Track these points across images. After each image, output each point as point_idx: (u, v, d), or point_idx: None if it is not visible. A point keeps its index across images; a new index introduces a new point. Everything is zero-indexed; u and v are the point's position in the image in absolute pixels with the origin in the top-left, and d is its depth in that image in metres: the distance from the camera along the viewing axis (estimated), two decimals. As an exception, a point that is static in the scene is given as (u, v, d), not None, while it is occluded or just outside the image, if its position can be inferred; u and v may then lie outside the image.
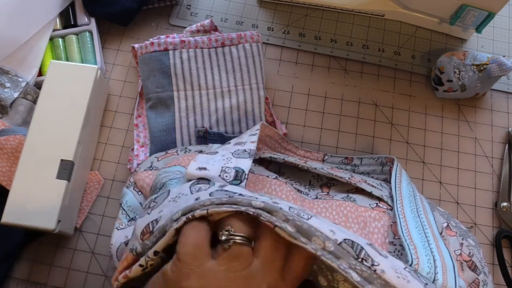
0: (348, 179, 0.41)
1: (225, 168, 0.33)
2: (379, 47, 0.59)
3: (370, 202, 0.39)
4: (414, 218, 0.36)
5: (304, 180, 0.44)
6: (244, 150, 0.37)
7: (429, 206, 0.40)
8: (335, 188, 0.43)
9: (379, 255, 0.27)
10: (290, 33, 0.59)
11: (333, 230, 0.27)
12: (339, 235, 0.27)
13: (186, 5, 0.60)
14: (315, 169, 0.41)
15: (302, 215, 0.28)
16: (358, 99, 0.56)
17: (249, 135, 0.41)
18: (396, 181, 0.41)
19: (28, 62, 0.54)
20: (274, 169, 0.44)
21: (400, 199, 0.38)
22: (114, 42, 0.58)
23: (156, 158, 0.45)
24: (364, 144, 0.54)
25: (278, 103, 0.56)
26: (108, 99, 0.55)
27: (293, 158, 0.44)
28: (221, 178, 0.33)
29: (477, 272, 0.37)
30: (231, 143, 0.41)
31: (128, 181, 0.45)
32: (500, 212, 0.51)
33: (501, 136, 0.55)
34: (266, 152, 0.43)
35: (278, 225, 0.26)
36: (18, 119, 0.51)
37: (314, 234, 0.26)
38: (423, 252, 0.31)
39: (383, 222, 0.37)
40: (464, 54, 0.53)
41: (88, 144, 0.50)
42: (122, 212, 0.42)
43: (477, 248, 0.40)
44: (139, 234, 0.30)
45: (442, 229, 0.38)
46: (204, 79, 0.52)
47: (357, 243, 0.27)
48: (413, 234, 0.34)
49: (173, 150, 0.46)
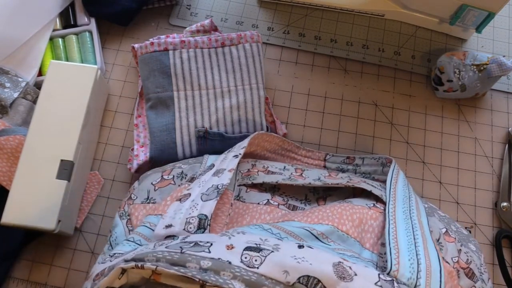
0: (347, 183, 0.41)
1: (189, 219, 0.35)
2: (379, 47, 0.59)
3: (367, 202, 0.39)
4: (406, 220, 0.36)
5: (300, 194, 0.44)
6: (216, 187, 0.37)
7: (426, 210, 0.40)
8: (331, 199, 0.42)
9: (342, 281, 0.27)
10: (290, 33, 0.59)
11: (287, 270, 0.28)
12: (293, 275, 0.27)
13: (186, 5, 0.60)
14: (309, 184, 0.41)
15: (255, 261, 0.28)
16: (358, 99, 0.56)
17: (233, 155, 0.41)
18: (391, 182, 0.41)
19: (28, 62, 0.54)
20: (269, 185, 0.43)
21: (393, 200, 0.38)
22: (114, 42, 0.58)
23: (153, 186, 0.43)
24: (364, 144, 0.54)
25: (278, 103, 0.56)
26: (108, 99, 0.55)
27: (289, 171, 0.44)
28: (185, 231, 0.34)
29: (474, 280, 0.37)
30: (214, 166, 0.41)
31: (122, 208, 0.43)
32: (500, 212, 0.51)
33: (501, 136, 0.55)
34: (260, 172, 0.43)
35: (225, 287, 0.26)
36: (18, 119, 0.51)
37: (263, 284, 0.27)
38: (406, 256, 0.32)
39: (379, 222, 0.37)
40: (464, 54, 0.53)
41: (88, 144, 0.50)
42: (108, 246, 0.41)
43: (477, 254, 0.40)
44: (94, 276, 0.32)
45: (440, 235, 0.38)
46: (204, 79, 0.52)
47: (313, 278, 0.27)
48: (400, 237, 0.34)
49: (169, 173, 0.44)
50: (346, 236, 0.35)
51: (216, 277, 0.27)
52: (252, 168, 0.43)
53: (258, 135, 0.45)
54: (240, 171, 0.43)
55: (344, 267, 0.28)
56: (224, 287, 0.26)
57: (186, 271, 0.27)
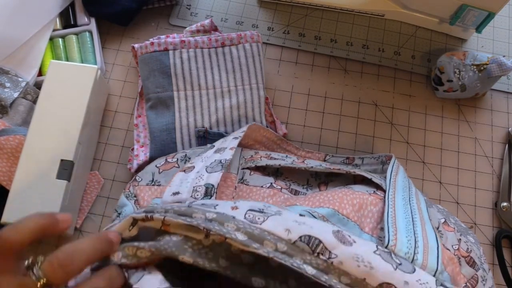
0: (347, 171, 0.42)
1: (196, 188, 0.36)
2: (379, 47, 0.59)
3: (367, 189, 0.39)
4: (405, 206, 0.36)
5: (302, 179, 0.44)
6: (219, 161, 0.39)
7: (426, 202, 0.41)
8: (332, 185, 0.43)
9: (342, 245, 0.28)
10: (290, 33, 0.59)
11: (289, 228, 0.28)
12: (295, 233, 0.28)
13: (186, 5, 0.60)
14: (311, 167, 0.42)
15: (257, 219, 0.29)
16: (358, 99, 0.56)
17: (233, 138, 0.43)
18: (392, 174, 0.41)
19: (28, 62, 0.54)
20: (272, 169, 0.44)
21: (393, 188, 0.39)
22: (114, 42, 0.58)
23: (157, 169, 0.44)
24: (364, 144, 0.54)
25: (278, 103, 0.56)
26: (108, 99, 0.55)
27: (291, 158, 0.45)
28: (192, 198, 0.35)
29: (475, 268, 0.37)
30: (215, 146, 0.43)
31: (127, 189, 0.43)
32: (500, 212, 0.51)
33: (501, 136, 0.55)
34: (263, 158, 0.43)
35: (228, 236, 0.28)
36: (18, 119, 0.51)
37: (265, 238, 0.28)
38: (404, 234, 0.32)
39: (378, 208, 0.37)
40: (464, 54, 0.53)
41: (88, 144, 0.50)
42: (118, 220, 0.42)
43: (476, 245, 0.40)
44: None
45: (439, 224, 0.38)
46: (204, 79, 0.52)
47: (314, 238, 0.28)
48: (399, 219, 0.34)
49: (173, 157, 0.45)
50: (346, 219, 0.35)
51: (220, 226, 0.28)
52: (255, 155, 0.44)
53: (256, 126, 0.46)
54: (243, 157, 0.43)
55: (344, 235, 0.29)
56: (227, 236, 0.28)
57: (192, 221, 0.28)
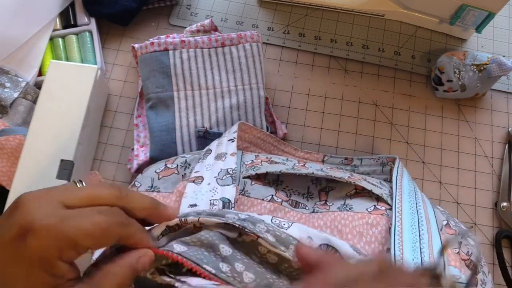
0: (348, 178, 0.41)
1: (213, 201, 0.36)
2: (379, 47, 0.59)
3: (367, 206, 0.39)
4: (412, 215, 0.37)
5: (303, 186, 0.44)
6: (226, 171, 0.39)
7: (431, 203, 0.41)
8: (333, 194, 0.43)
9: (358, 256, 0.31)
10: (290, 33, 0.59)
11: (310, 236, 0.31)
12: (316, 241, 0.31)
13: (186, 5, 0.60)
14: (312, 173, 0.41)
15: (283, 224, 0.31)
16: (358, 99, 0.56)
17: (228, 140, 0.43)
18: (397, 178, 0.41)
19: (28, 62, 0.54)
20: (272, 177, 0.44)
21: (399, 194, 0.39)
22: (114, 42, 0.58)
23: (156, 174, 0.44)
24: (364, 144, 0.54)
25: (278, 103, 0.56)
26: (108, 99, 0.55)
27: (292, 161, 0.44)
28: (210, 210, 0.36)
29: (475, 271, 0.38)
30: (212, 150, 0.43)
31: None
32: (500, 212, 0.51)
33: (501, 136, 0.55)
34: (264, 162, 0.43)
35: (260, 236, 0.29)
36: (18, 119, 0.51)
37: (291, 243, 0.30)
38: (410, 254, 0.34)
39: (381, 228, 0.37)
40: (464, 54, 0.53)
41: (88, 144, 0.50)
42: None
43: (476, 248, 0.40)
44: None
45: (442, 226, 0.39)
46: (204, 79, 0.52)
47: (332, 247, 0.31)
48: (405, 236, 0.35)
49: (173, 162, 0.44)
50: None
51: (253, 226, 0.30)
52: (256, 159, 0.44)
53: (246, 126, 0.47)
54: (244, 163, 0.43)
55: (360, 250, 0.31)
56: (260, 235, 0.29)
57: (227, 219, 0.30)
